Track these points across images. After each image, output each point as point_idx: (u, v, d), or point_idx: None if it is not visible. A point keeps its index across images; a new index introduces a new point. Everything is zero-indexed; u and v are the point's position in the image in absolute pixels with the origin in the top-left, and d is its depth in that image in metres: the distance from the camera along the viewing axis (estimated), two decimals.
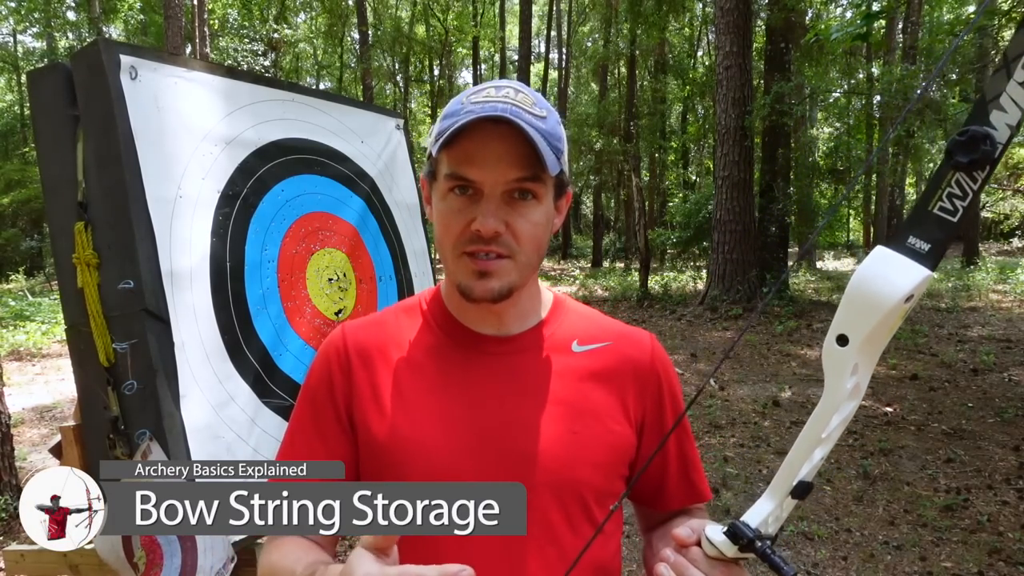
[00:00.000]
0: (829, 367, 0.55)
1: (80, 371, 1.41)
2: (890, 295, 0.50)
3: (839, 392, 0.54)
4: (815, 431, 0.56)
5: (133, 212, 1.33)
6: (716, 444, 4.45)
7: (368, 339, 0.83)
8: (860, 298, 0.52)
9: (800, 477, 0.57)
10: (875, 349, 0.55)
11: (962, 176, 0.50)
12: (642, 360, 0.84)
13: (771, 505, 0.59)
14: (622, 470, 0.82)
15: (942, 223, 0.51)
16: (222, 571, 1.36)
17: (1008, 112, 0.48)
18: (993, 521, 3.26)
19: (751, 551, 0.58)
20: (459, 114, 0.71)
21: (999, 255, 17.69)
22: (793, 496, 0.58)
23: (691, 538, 0.63)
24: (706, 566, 0.61)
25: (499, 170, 0.71)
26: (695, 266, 16.41)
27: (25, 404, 5.74)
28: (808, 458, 0.57)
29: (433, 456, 0.75)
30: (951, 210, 0.51)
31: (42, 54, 25.15)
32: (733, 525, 0.59)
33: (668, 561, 0.63)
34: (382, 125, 2.12)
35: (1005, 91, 0.48)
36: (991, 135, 0.49)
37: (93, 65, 1.32)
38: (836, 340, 0.54)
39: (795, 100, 9.41)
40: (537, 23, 25.18)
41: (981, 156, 0.49)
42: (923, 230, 0.52)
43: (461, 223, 0.73)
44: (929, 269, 0.51)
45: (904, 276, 0.51)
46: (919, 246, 0.51)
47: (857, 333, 0.53)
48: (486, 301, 0.74)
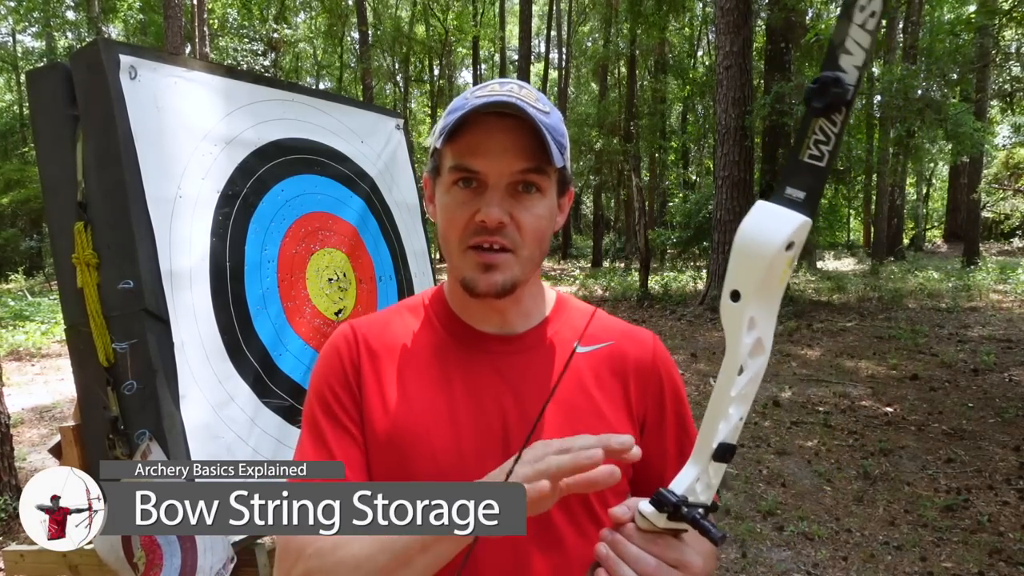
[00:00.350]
0: (727, 324, 0.56)
1: (80, 371, 1.40)
2: (771, 243, 0.52)
3: (740, 347, 0.55)
4: (724, 390, 0.57)
5: (133, 212, 1.32)
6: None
7: (373, 336, 0.83)
8: (744, 251, 0.54)
9: (720, 439, 0.57)
10: (770, 301, 0.56)
11: (823, 122, 0.53)
12: (644, 359, 0.84)
13: (695, 470, 0.59)
14: (626, 469, 0.82)
15: (813, 170, 0.54)
16: (222, 571, 1.36)
17: (854, 54, 0.51)
18: (993, 521, 3.25)
19: (680, 518, 0.58)
20: (463, 108, 0.72)
21: (999, 255, 17.68)
22: (715, 459, 0.58)
23: (626, 515, 0.63)
24: (641, 540, 0.61)
25: (504, 161, 0.71)
26: (695, 266, 16.40)
27: (25, 404, 5.74)
28: (724, 417, 0.57)
29: (437, 454, 0.75)
30: (819, 155, 0.53)
31: (41, 54, 25.15)
32: (658, 493, 0.59)
33: (606, 539, 0.63)
34: (382, 125, 2.11)
35: (848, 35, 0.51)
36: (840, 78, 0.51)
37: (93, 65, 1.32)
38: (730, 296, 0.55)
39: (795, 100, 9.41)
40: (537, 23, 25.17)
41: (834, 99, 0.51)
42: (797, 179, 0.54)
43: (466, 215, 0.73)
44: (807, 215, 0.53)
45: (783, 224, 0.53)
46: (795, 195, 0.54)
47: (747, 286, 0.54)
48: (490, 296, 0.74)
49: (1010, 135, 17.67)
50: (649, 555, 0.61)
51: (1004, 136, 19.96)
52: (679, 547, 0.62)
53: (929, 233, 23.37)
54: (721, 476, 0.60)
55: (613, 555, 0.62)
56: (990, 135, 16.18)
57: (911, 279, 12.37)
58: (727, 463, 0.58)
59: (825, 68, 0.52)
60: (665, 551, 0.61)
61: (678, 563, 0.61)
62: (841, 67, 0.51)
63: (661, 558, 0.60)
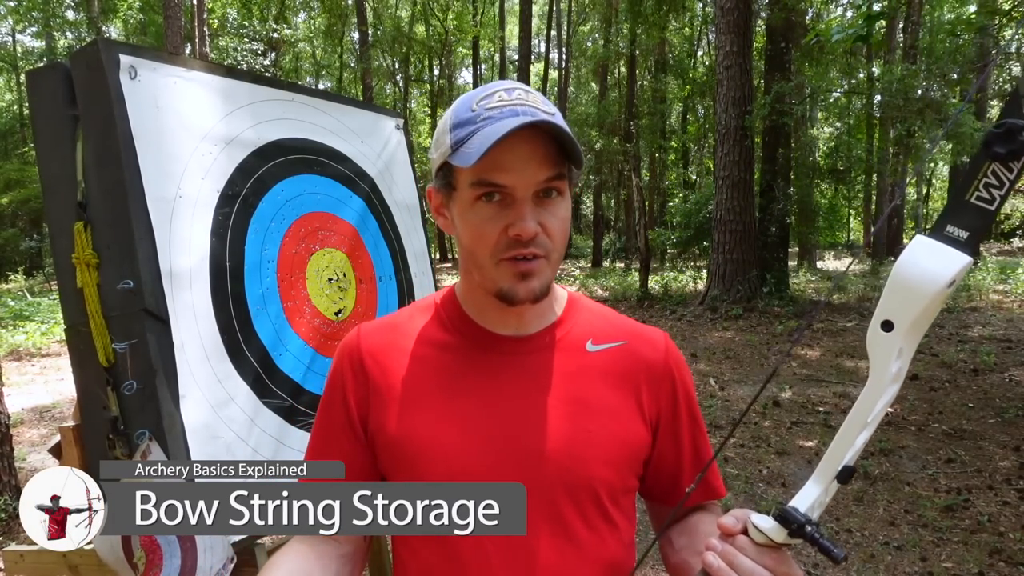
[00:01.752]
0: (874, 352, 0.56)
1: (79, 371, 1.40)
2: (933, 281, 0.53)
3: (885, 376, 0.56)
4: (861, 415, 0.57)
5: (133, 212, 1.32)
6: (716, 444, 4.45)
7: (383, 341, 0.83)
8: (904, 285, 0.54)
9: (845, 462, 0.58)
10: (917, 333, 0.56)
11: (998, 166, 0.52)
12: (656, 359, 0.84)
13: (818, 490, 0.60)
14: (637, 468, 0.83)
15: (980, 212, 0.53)
16: (222, 571, 1.36)
17: None
18: (994, 521, 3.25)
19: (800, 536, 0.58)
20: (475, 121, 0.71)
21: (999, 255, 17.68)
22: (838, 480, 0.59)
23: (736, 527, 0.63)
24: (755, 553, 0.61)
25: (529, 172, 0.71)
26: (695, 266, 16.40)
27: (24, 404, 5.74)
28: (852, 443, 0.58)
29: (449, 455, 0.76)
30: (988, 199, 0.53)
31: (41, 53, 25.15)
32: (783, 510, 0.60)
33: (716, 550, 0.63)
34: (382, 125, 2.11)
35: None
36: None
37: (92, 64, 1.32)
38: (881, 326, 0.55)
39: (795, 100, 9.41)
40: (537, 23, 25.16)
41: (1018, 147, 0.51)
42: (961, 218, 0.54)
43: (496, 230, 0.72)
44: (969, 256, 0.53)
45: (946, 263, 0.53)
46: (958, 234, 0.54)
47: (902, 319, 0.55)
48: (528, 302, 0.74)
49: None
50: (763, 568, 0.61)
51: None
52: (789, 562, 0.62)
53: None
54: (833, 494, 0.61)
55: (725, 566, 0.62)
56: None
57: None
58: (846, 484, 0.60)
59: (1008, 114, 0.52)
60: (778, 565, 0.61)
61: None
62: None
63: (774, 572, 0.61)
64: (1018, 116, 0.51)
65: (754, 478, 3.86)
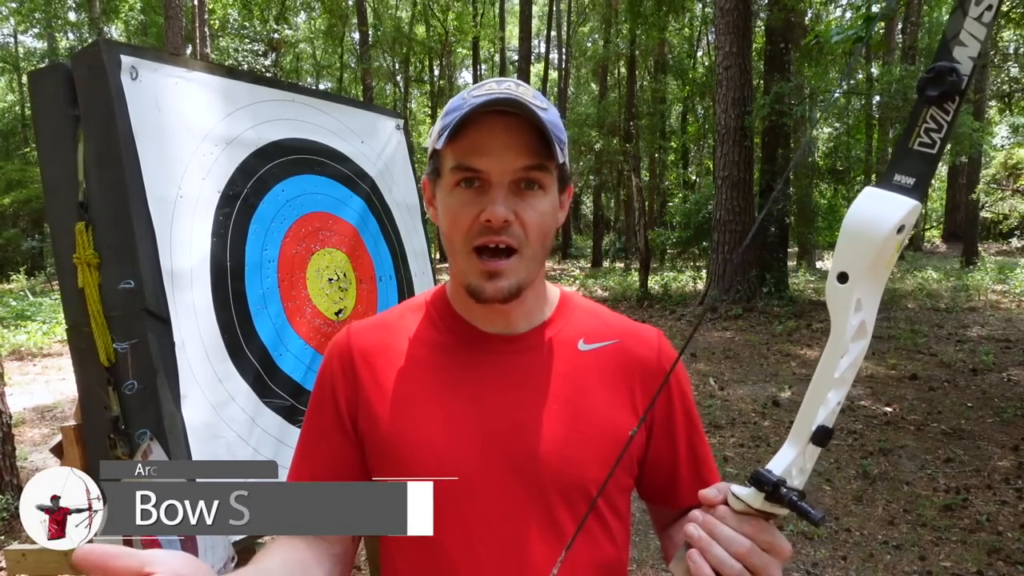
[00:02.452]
0: (833, 306, 0.56)
1: (81, 371, 1.41)
2: (883, 226, 0.53)
3: (846, 330, 0.56)
4: (827, 372, 0.57)
5: (134, 212, 1.33)
6: (716, 444, 4.45)
7: (373, 340, 0.83)
8: (855, 233, 0.54)
9: (818, 422, 0.58)
10: (876, 284, 0.56)
11: (935, 110, 0.54)
12: (649, 358, 0.83)
13: (793, 452, 0.59)
14: (631, 468, 0.82)
15: (923, 156, 0.55)
16: (223, 571, 1.36)
17: (968, 46, 0.52)
18: (992, 521, 3.26)
19: (777, 500, 0.58)
20: (462, 108, 0.71)
21: (998, 255, 17.67)
22: (814, 442, 0.58)
23: (718, 497, 0.63)
24: (735, 521, 0.61)
25: (507, 159, 0.71)
26: (695, 266, 16.40)
27: (26, 404, 5.74)
28: (823, 401, 0.57)
29: (440, 456, 0.75)
30: (929, 143, 0.54)
31: (43, 54, 25.16)
32: (756, 472, 0.59)
33: (697, 520, 0.63)
34: (382, 125, 2.12)
35: (963, 27, 0.52)
36: (956, 68, 0.53)
37: (93, 65, 1.33)
38: (837, 278, 0.55)
39: (795, 100, 9.41)
40: (537, 23, 25.16)
41: (949, 87, 0.52)
42: (906, 166, 0.55)
43: (470, 215, 0.72)
44: (917, 200, 0.54)
45: (894, 208, 0.54)
46: (904, 181, 0.55)
47: (856, 267, 0.55)
48: (496, 301, 0.74)
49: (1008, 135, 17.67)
50: (743, 536, 0.60)
51: (1002, 136, 19.95)
52: (771, 530, 0.61)
53: (928, 233, 23.35)
54: (814, 461, 0.60)
55: (705, 535, 0.61)
56: (988, 135, 16.18)
57: (910, 279, 12.37)
58: (823, 447, 0.58)
59: (939, 59, 0.53)
60: (758, 533, 0.60)
61: (770, 546, 0.60)
62: (955, 58, 0.53)
63: (754, 539, 0.60)
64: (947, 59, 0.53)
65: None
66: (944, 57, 0.53)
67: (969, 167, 15.00)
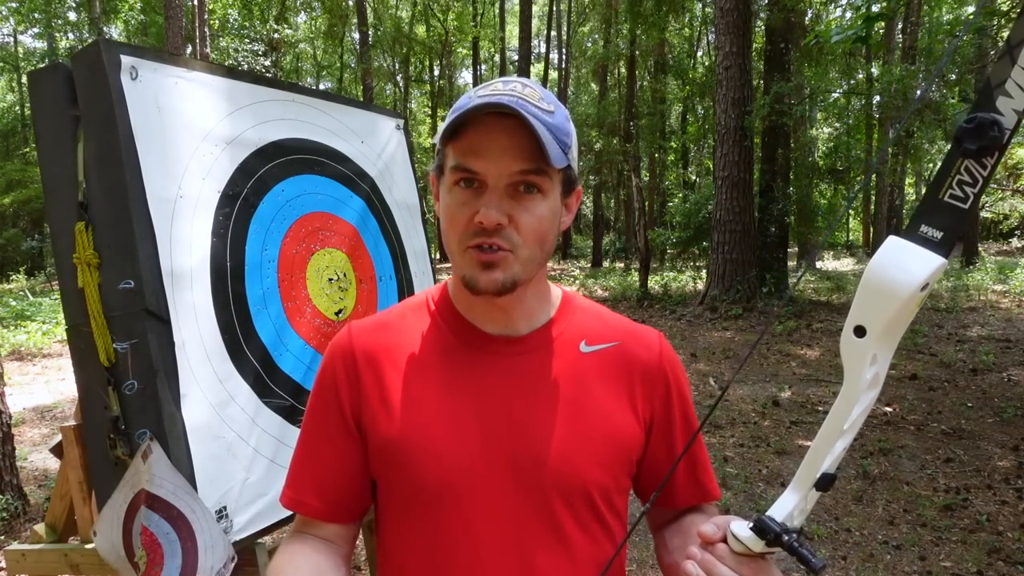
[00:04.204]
0: (848, 359, 0.54)
1: (81, 371, 1.41)
2: (906, 284, 0.51)
3: (859, 383, 0.54)
4: (837, 422, 0.56)
5: (134, 212, 1.33)
6: (716, 444, 4.45)
7: (375, 340, 0.83)
8: (876, 288, 0.52)
9: (823, 469, 0.57)
10: (893, 338, 0.54)
11: (971, 163, 0.50)
12: (650, 360, 0.84)
13: (796, 498, 0.59)
14: (630, 469, 0.83)
15: (953, 210, 0.51)
16: (222, 571, 1.36)
17: (1014, 98, 0.48)
18: (992, 521, 3.26)
19: (778, 545, 0.58)
20: (466, 107, 0.71)
21: (998, 255, 17.68)
22: (817, 488, 0.58)
23: (716, 535, 0.63)
24: (734, 562, 0.61)
25: (503, 162, 0.71)
26: (695, 266, 16.41)
27: (26, 404, 5.74)
28: (830, 450, 0.57)
29: (443, 457, 0.75)
30: (962, 197, 0.51)
31: (43, 54, 25.16)
32: (759, 520, 0.59)
33: (696, 558, 0.63)
34: (382, 125, 2.12)
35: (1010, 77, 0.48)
36: (999, 121, 0.49)
37: (93, 65, 1.33)
38: (853, 331, 0.54)
39: (795, 100, 9.41)
40: (537, 23, 25.17)
41: (989, 142, 0.49)
42: (935, 218, 0.52)
43: (466, 215, 0.72)
44: (943, 257, 0.51)
45: (919, 264, 0.51)
46: (932, 234, 0.51)
47: (875, 323, 0.53)
48: (491, 293, 0.73)
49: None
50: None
51: None
52: (769, 570, 0.62)
53: None
54: (814, 502, 0.60)
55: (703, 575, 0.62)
56: None
57: None
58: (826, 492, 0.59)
59: (979, 108, 0.49)
60: (757, 574, 0.61)
61: None
62: (998, 109, 0.49)
63: None
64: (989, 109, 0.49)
65: (753, 478, 3.86)
66: (986, 106, 0.49)
67: None
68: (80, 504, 1.47)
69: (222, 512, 1.40)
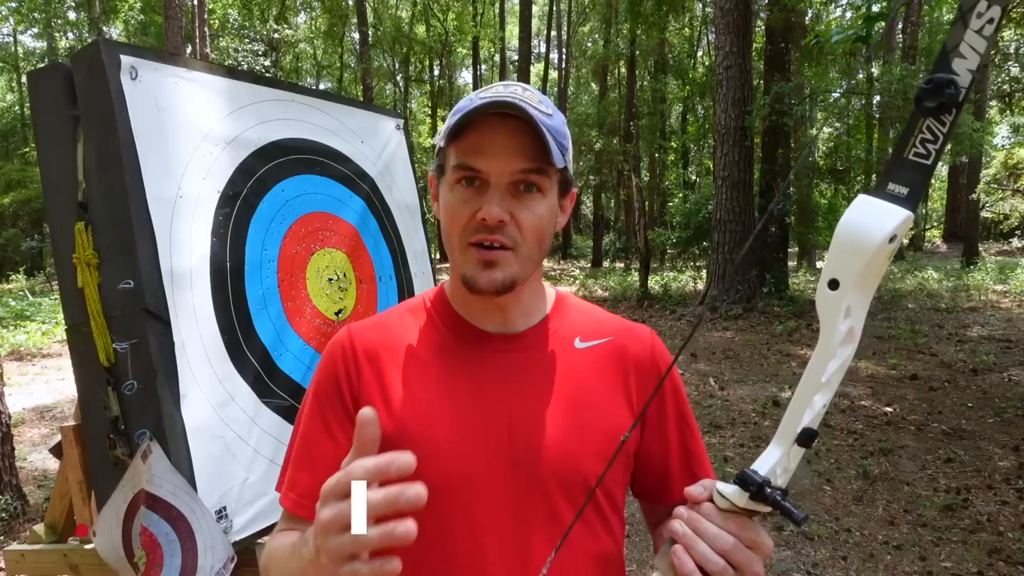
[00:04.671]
0: (823, 312, 0.57)
1: (80, 371, 1.41)
2: (875, 235, 0.53)
3: (834, 335, 0.56)
4: (814, 376, 0.58)
5: (133, 212, 1.33)
6: (716, 444, 4.45)
7: (374, 340, 0.84)
8: (847, 242, 0.55)
9: (804, 424, 0.58)
10: (866, 291, 0.57)
11: (931, 121, 0.54)
12: (643, 355, 0.86)
13: (778, 453, 0.60)
14: (628, 463, 0.84)
15: (917, 167, 0.54)
16: (222, 571, 1.36)
17: (968, 59, 0.52)
18: (993, 521, 3.26)
19: (762, 499, 0.59)
20: (467, 108, 0.73)
21: (999, 255, 17.68)
22: (799, 443, 0.59)
23: (703, 494, 0.64)
24: (719, 519, 0.62)
25: (505, 160, 0.73)
26: (695, 266, 16.41)
27: (25, 404, 5.74)
28: (809, 404, 0.58)
29: (444, 454, 0.76)
30: (924, 154, 0.54)
31: (42, 54, 25.17)
32: (743, 473, 0.60)
33: (683, 517, 0.64)
34: (382, 125, 2.12)
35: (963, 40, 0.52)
36: (954, 80, 0.52)
37: (93, 65, 1.32)
38: (828, 285, 0.56)
39: (795, 100, 9.41)
40: (537, 23, 25.18)
41: (947, 99, 0.52)
42: (901, 175, 0.55)
43: (468, 213, 0.74)
44: (910, 210, 0.54)
45: (887, 217, 0.54)
46: (898, 191, 0.55)
47: (847, 275, 0.55)
48: (490, 292, 0.75)
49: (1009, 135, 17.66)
50: (727, 533, 0.61)
51: (1003, 136, 19.95)
52: (754, 527, 0.63)
53: (928, 233, 23.35)
54: (798, 461, 0.61)
55: (690, 532, 0.63)
56: (989, 135, 16.18)
57: (910, 279, 12.37)
58: (808, 448, 0.59)
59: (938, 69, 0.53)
60: (742, 530, 0.62)
61: (753, 543, 0.62)
62: (953, 70, 0.52)
63: (738, 536, 0.61)
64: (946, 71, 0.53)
65: None
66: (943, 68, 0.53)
67: (970, 167, 15.00)
68: (80, 504, 1.47)
69: (222, 512, 1.40)
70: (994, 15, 0.51)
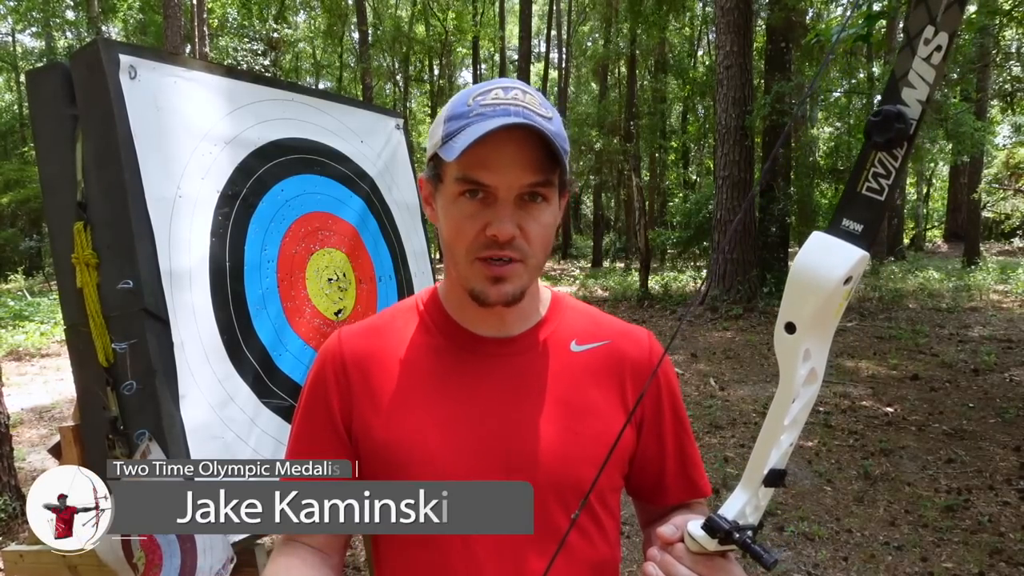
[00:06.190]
0: (782, 357, 0.56)
1: (79, 371, 1.40)
2: (829, 278, 0.52)
3: (794, 379, 0.56)
4: (777, 419, 0.57)
5: (132, 212, 1.32)
6: (716, 444, 4.44)
7: (365, 345, 0.82)
8: (801, 285, 0.53)
9: (771, 465, 0.58)
10: (824, 332, 0.55)
11: (883, 155, 0.51)
12: (640, 358, 0.84)
13: (745, 496, 0.60)
14: (623, 467, 0.83)
15: (871, 203, 0.52)
16: (221, 571, 1.35)
17: (917, 88, 0.50)
18: (994, 522, 3.25)
19: (731, 542, 0.59)
20: (468, 116, 0.70)
21: (1000, 255, 17.67)
22: (767, 484, 0.58)
23: (675, 535, 0.64)
24: (690, 561, 0.62)
25: (513, 174, 0.70)
26: (695, 266, 16.41)
27: (24, 404, 5.74)
28: (775, 445, 0.58)
29: (436, 459, 0.75)
30: (878, 189, 0.52)
31: (41, 53, 25.16)
32: (709, 519, 0.60)
33: (655, 560, 0.64)
34: (382, 125, 2.11)
35: (911, 68, 0.49)
36: (903, 113, 0.50)
37: (92, 64, 1.32)
38: (784, 328, 0.55)
39: (795, 100, 9.41)
40: (537, 23, 25.18)
41: (896, 134, 0.50)
42: (854, 211, 0.53)
43: (475, 228, 0.72)
44: (864, 249, 0.52)
45: (840, 258, 0.52)
46: (852, 227, 0.53)
47: (803, 319, 0.54)
48: (500, 305, 0.74)
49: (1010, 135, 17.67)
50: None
51: (1004, 136, 19.95)
52: (727, 567, 0.63)
53: (929, 233, 23.36)
54: (769, 498, 0.61)
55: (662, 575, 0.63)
56: (990, 135, 16.17)
57: (911, 279, 12.37)
58: (778, 487, 0.59)
59: (885, 101, 0.51)
60: (712, 572, 0.62)
61: None
62: (903, 100, 0.50)
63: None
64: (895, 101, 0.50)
65: None
66: (892, 99, 0.50)
67: (971, 167, 14.99)
68: None
69: None
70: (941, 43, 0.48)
